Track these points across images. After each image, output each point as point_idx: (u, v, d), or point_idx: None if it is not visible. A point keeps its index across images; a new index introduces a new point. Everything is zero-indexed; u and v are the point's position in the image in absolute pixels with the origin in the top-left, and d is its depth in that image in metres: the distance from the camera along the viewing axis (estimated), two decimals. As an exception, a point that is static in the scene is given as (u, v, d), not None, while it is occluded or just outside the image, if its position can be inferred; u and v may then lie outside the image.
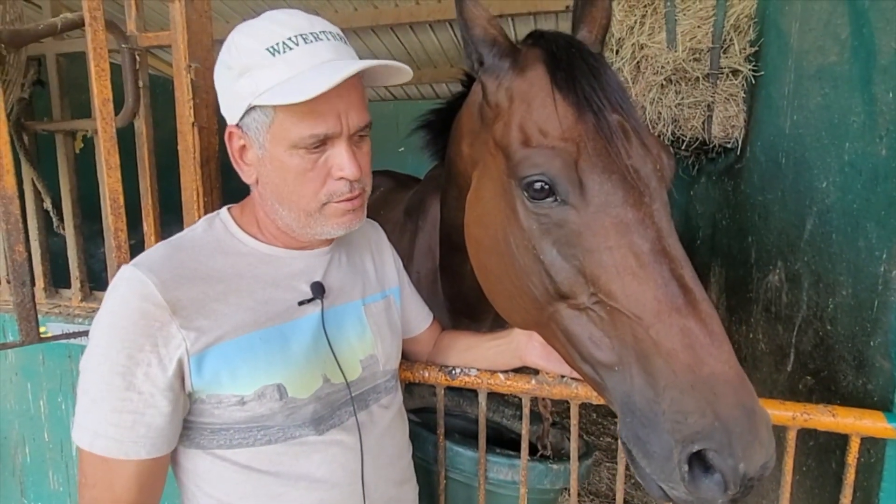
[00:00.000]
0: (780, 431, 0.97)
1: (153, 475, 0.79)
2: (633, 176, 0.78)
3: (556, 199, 0.79)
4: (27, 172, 1.63)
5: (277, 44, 0.77)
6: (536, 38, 0.93)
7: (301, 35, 0.77)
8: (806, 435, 1.26)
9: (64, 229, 1.65)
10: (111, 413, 0.74)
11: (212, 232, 0.90)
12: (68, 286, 1.68)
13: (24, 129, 1.59)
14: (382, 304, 1.04)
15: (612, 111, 0.81)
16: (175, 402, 0.77)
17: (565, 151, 0.79)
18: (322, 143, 0.81)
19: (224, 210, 0.94)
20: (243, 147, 0.85)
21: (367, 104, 0.86)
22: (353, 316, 0.96)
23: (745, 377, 0.69)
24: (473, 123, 1.01)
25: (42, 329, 1.58)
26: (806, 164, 1.38)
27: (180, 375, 0.77)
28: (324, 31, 0.80)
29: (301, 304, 0.88)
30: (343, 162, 0.81)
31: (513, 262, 0.86)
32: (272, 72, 0.76)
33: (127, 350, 0.74)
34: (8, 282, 1.68)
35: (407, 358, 1.16)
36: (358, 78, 0.83)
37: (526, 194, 0.81)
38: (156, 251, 0.84)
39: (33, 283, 1.64)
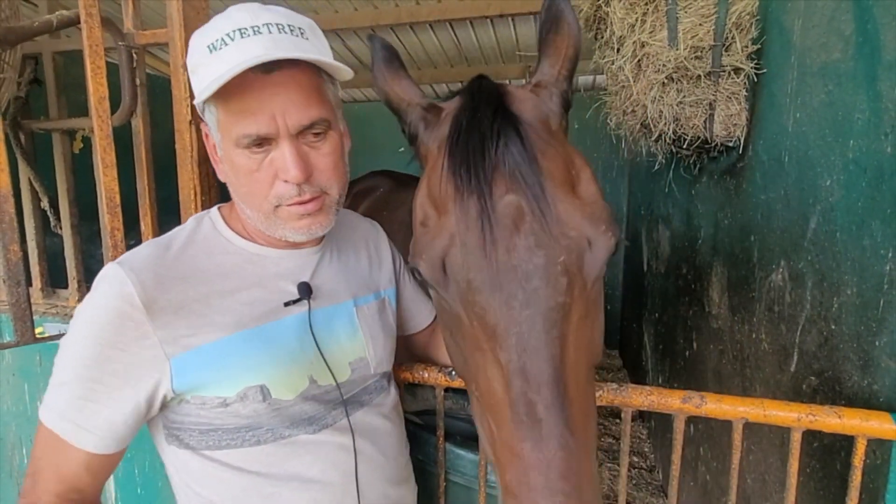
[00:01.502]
0: (784, 433, 0.95)
1: (101, 468, 0.80)
2: (506, 276, 0.66)
3: (434, 289, 0.77)
4: (24, 171, 1.62)
5: (216, 41, 0.75)
6: (462, 90, 0.86)
7: (239, 30, 0.75)
8: (810, 436, 1.24)
9: (61, 229, 1.64)
10: (75, 399, 0.75)
11: (200, 231, 0.89)
12: (66, 286, 1.68)
13: (20, 127, 1.59)
14: (376, 305, 1.02)
15: (507, 192, 0.69)
16: (136, 403, 0.77)
17: (436, 245, 0.72)
18: (262, 143, 0.77)
19: (214, 208, 0.94)
20: (214, 146, 0.85)
21: (319, 100, 0.80)
22: (344, 317, 0.94)
23: None
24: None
25: (39, 329, 1.57)
26: (809, 162, 1.37)
27: (152, 377, 0.77)
28: (268, 24, 0.75)
29: (287, 304, 0.87)
30: (284, 164, 0.77)
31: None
32: (209, 69, 0.75)
33: (100, 345, 0.75)
34: (4, 282, 1.68)
35: (410, 349, 1.15)
36: (304, 74, 0.78)
37: None
38: (141, 250, 0.84)
39: (29, 283, 1.63)
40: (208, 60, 0.75)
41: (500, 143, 0.72)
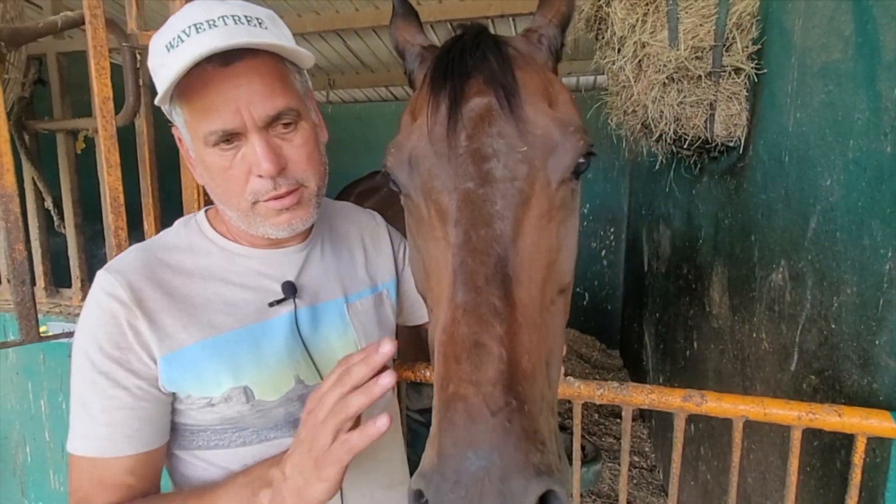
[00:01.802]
0: (785, 432, 0.96)
1: (150, 465, 0.79)
2: (464, 158, 0.66)
3: (401, 192, 0.75)
4: (28, 172, 1.63)
5: (173, 39, 0.73)
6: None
7: (194, 25, 0.73)
8: (810, 435, 1.25)
9: (65, 228, 1.65)
10: (101, 413, 0.75)
11: (185, 233, 0.89)
12: (69, 285, 1.68)
13: (25, 128, 1.59)
14: (371, 300, 1.00)
15: (477, 94, 0.70)
16: (155, 393, 0.78)
17: (406, 145, 0.73)
18: (230, 138, 0.76)
19: (202, 211, 0.94)
20: (188, 149, 0.84)
21: (284, 90, 0.78)
22: (334, 315, 0.93)
23: (497, 410, 0.51)
24: None
25: (43, 328, 1.58)
26: (810, 161, 1.38)
27: (152, 370, 0.78)
28: (223, 16, 0.74)
29: (272, 304, 0.86)
30: (255, 158, 0.76)
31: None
32: (167, 69, 0.72)
33: (105, 349, 0.75)
34: (8, 281, 1.68)
35: (421, 339, 1.15)
36: (266, 64, 0.77)
37: None
38: (127, 254, 0.84)
39: (33, 283, 1.64)
40: (167, 60, 0.73)
41: (478, 53, 0.73)
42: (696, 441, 2.29)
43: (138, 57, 1.41)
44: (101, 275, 0.79)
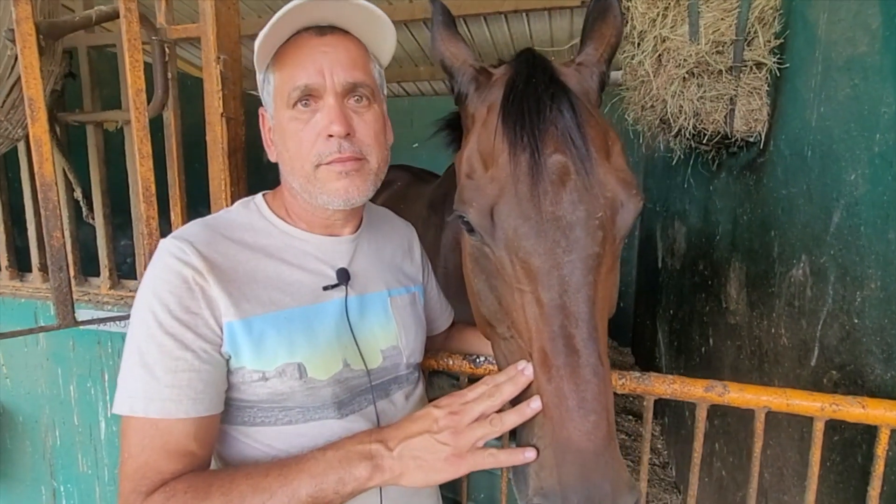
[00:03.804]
0: (804, 427, 0.96)
1: (210, 431, 0.80)
2: (552, 225, 0.74)
3: (479, 236, 0.81)
4: (59, 163, 1.67)
5: (281, 12, 0.80)
6: (511, 59, 0.93)
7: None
8: (831, 429, 1.25)
9: (93, 219, 1.69)
10: (166, 374, 0.75)
11: (246, 213, 0.93)
12: (97, 274, 1.73)
13: (56, 120, 1.63)
14: (408, 298, 1.05)
15: (555, 151, 0.76)
16: (217, 358, 0.80)
17: (486, 193, 0.79)
18: (310, 99, 0.83)
19: (259, 195, 0.98)
20: (270, 129, 0.91)
21: (364, 67, 0.87)
22: (378, 305, 0.97)
23: (602, 451, 0.68)
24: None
25: (73, 315, 1.62)
26: (833, 156, 1.37)
27: (217, 334, 0.80)
28: None
29: (326, 288, 0.90)
30: (329, 117, 0.82)
31: (468, 280, 0.91)
32: (273, 29, 0.80)
33: (174, 312, 0.76)
34: (40, 270, 1.73)
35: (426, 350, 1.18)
36: (353, 42, 0.86)
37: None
38: (192, 226, 0.88)
39: (70, 269, 1.68)
40: (272, 26, 0.81)
41: (554, 107, 0.79)
42: (711, 437, 2.29)
43: (167, 51, 1.44)
44: (168, 242, 0.81)
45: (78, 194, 1.69)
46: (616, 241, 0.79)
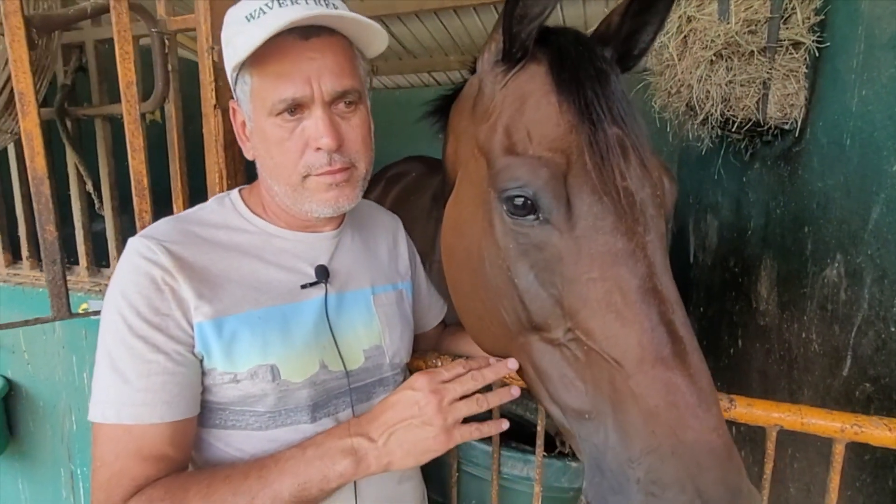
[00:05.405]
0: (826, 444, 0.87)
1: (187, 435, 0.78)
2: (628, 200, 0.69)
3: (537, 218, 0.72)
4: (70, 156, 1.71)
5: (254, 10, 0.76)
6: (544, 33, 0.84)
7: (277, 0, 0.76)
8: (860, 448, 1.13)
9: (104, 211, 1.72)
10: (138, 378, 0.72)
11: (220, 210, 0.90)
12: (109, 265, 1.77)
13: (67, 114, 1.66)
14: (394, 295, 1.00)
15: (613, 123, 0.73)
16: (191, 359, 0.77)
17: (553, 163, 0.71)
18: (296, 109, 0.78)
19: (235, 190, 0.95)
20: (243, 123, 0.86)
21: (352, 71, 0.82)
22: (361, 304, 0.93)
23: (733, 448, 0.60)
24: (464, 121, 0.94)
25: (84, 305, 1.66)
26: (874, 145, 1.23)
27: (189, 334, 0.77)
28: None
29: (304, 286, 0.86)
30: (318, 130, 0.78)
31: (485, 280, 0.80)
32: (245, 36, 0.75)
33: (143, 314, 0.74)
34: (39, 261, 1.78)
35: (418, 347, 1.13)
36: (339, 44, 0.80)
37: (505, 208, 0.74)
38: (162, 224, 0.85)
39: (76, 262, 1.72)
40: (245, 28, 0.76)
41: (609, 79, 0.76)
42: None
43: (167, 42, 1.43)
44: (136, 241, 0.79)
45: (89, 187, 1.73)
46: (667, 224, 0.76)
